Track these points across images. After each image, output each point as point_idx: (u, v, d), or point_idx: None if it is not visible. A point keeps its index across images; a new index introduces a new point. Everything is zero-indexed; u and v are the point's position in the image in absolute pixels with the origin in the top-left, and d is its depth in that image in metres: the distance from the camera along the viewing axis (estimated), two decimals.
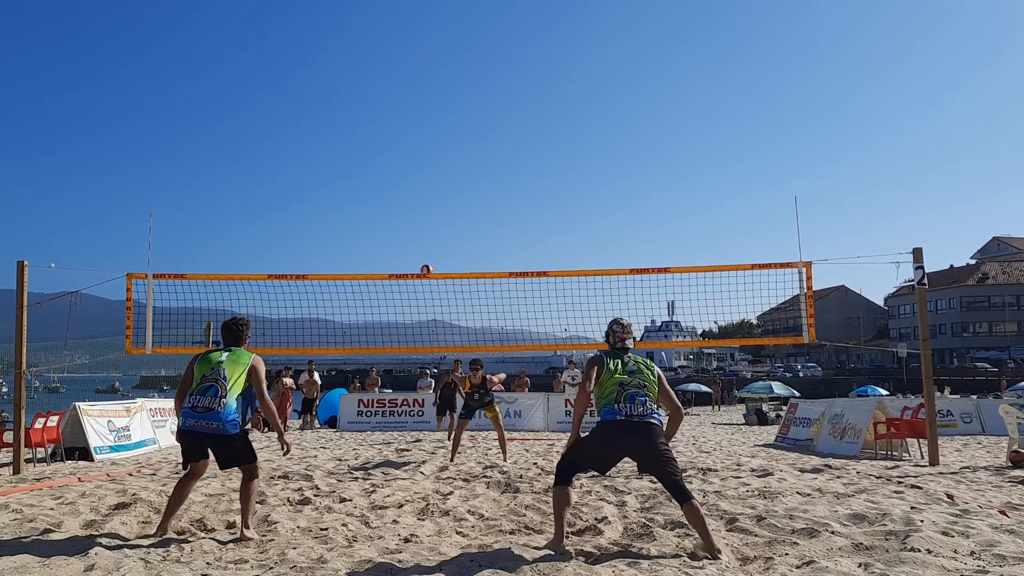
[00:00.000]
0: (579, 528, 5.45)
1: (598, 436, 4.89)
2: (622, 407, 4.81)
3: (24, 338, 9.47)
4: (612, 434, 4.83)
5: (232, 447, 5.21)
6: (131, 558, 4.55)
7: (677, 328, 71.80)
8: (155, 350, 10.13)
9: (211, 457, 5.30)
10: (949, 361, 73.55)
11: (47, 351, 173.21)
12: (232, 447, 5.21)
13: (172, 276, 10.26)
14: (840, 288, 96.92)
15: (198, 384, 5.25)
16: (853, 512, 5.64)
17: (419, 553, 4.65)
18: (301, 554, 4.64)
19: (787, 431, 14.87)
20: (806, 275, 9.96)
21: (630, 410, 4.80)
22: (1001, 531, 5.01)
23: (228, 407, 5.18)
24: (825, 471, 8.57)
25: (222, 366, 5.28)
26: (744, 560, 4.48)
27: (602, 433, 4.86)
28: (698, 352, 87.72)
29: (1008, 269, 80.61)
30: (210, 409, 5.13)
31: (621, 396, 4.84)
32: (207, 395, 5.16)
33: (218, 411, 5.13)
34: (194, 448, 5.25)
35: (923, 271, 9.82)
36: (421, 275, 10.34)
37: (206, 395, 5.16)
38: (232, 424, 5.18)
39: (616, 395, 4.85)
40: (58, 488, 7.34)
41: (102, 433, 11.07)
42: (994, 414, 14.99)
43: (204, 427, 5.13)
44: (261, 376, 5.46)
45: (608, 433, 4.84)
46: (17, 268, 9.48)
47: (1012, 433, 9.94)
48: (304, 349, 11.79)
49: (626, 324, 5.23)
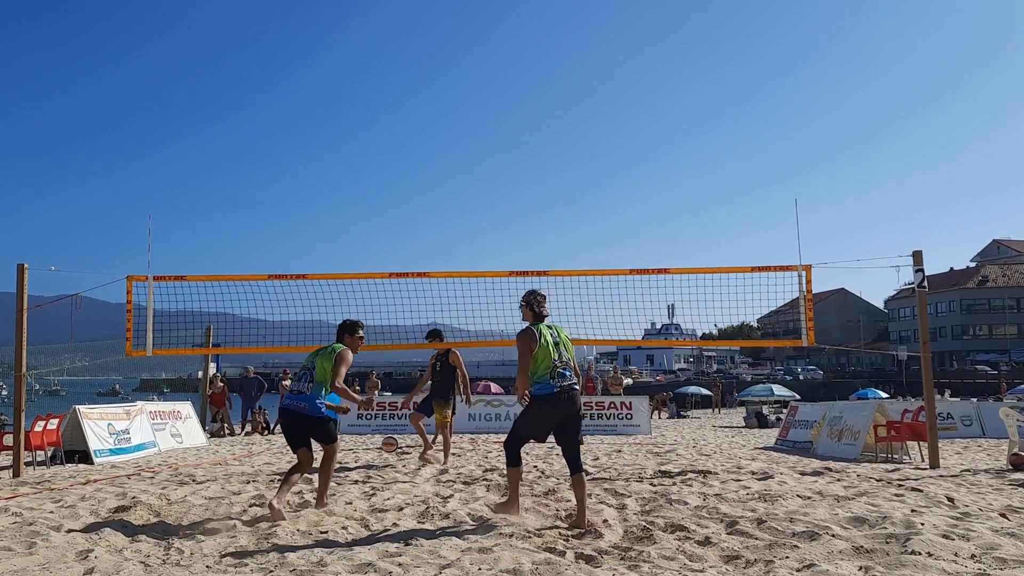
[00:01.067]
0: (579, 531, 5.45)
1: (539, 410, 5.66)
2: (555, 381, 5.61)
3: (24, 341, 9.47)
4: (553, 406, 5.62)
5: (315, 426, 6.20)
6: (131, 561, 4.55)
7: (677, 330, 71.78)
8: (155, 352, 10.12)
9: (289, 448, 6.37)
10: (949, 364, 73.55)
11: (47, 354, 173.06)
12: (315, 426, 6.20)
13: (172, 278, 10.26)
14: (840, 291, 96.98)
15: (296, 372, 6.39)
16: (853, 515, 5.64)
17: (419, 556, 4.64)
18: (301, 557, 4.64)
19: (787, 434, 14.87)
20: (806, 278, 9.95)
21: (562, 382, 5.62)
22: (1002, 534, 5.01)
23: (315, 392, 6.16)
24: (825, 474, 8.56)
25: (316, 358, 6.28)
26: (745, 564, 4.47)
27: (542, 407, 5.64)
28: (698, 355, 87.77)
29: (1008, 272, 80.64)
30: (300, 392, 6.19)
31: (555, 372, 5.63)
32: (300, 381, 6.26)
33: (306, 394, 6.15)
34: (288, 427, 6.25)
35: (923, 274, 9.81)
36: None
37: (299, 381, 6.27)
38: (316, 407, 6.16)
39: (551, 372, 5.62)
40: (58, 491, 7.34)
41: (102, 436, 11.07)
42: (994, 417, 14.99)
43: (294, 406, 6.18)
44: (340, 365, 6.21)
45: (549, 406, 5.62)
46: (17, 271, 9.49)
47: (1012, 436, 9.94)
48: (305, 347, 11.75)
49: (543, 294, 5.97)
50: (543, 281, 10.40)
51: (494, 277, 10.51)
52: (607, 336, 10.95)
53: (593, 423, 17.41)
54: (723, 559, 4.57)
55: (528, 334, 5.69)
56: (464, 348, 10.56)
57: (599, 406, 17.72)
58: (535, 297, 5.88)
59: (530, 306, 5.87)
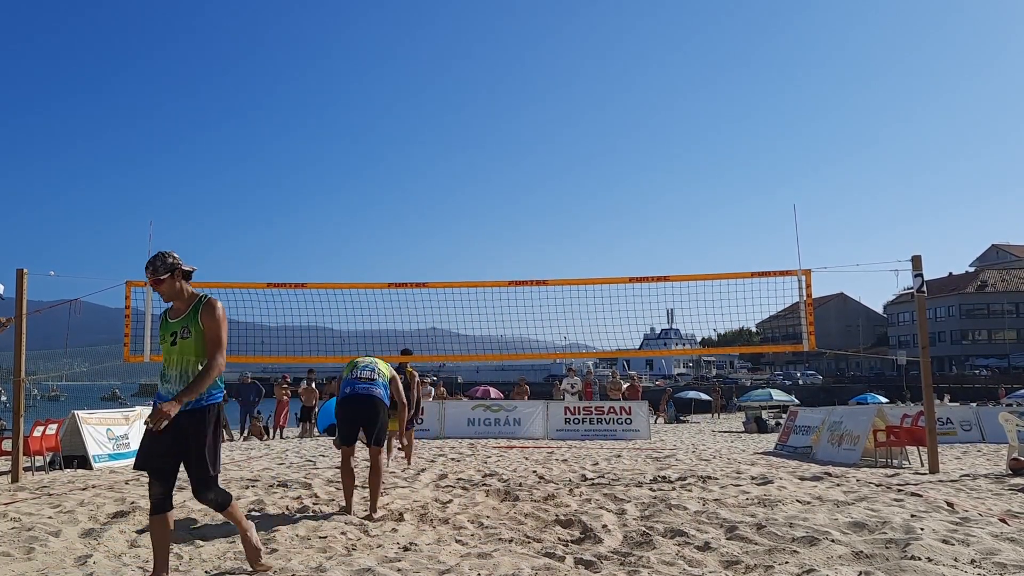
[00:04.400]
0: (578, 536, 5.44)
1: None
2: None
3: (23, 346, 9.46)
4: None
5: (383, 416, 6.46)
6: (130, 567, 4.55)
7: (676, 336, 71.71)
8: (153, 358, 10.10)
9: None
10: (948, 369, 73.52)
11: (46, 359, 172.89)
12: (383, 416, 6.46)
13: None
14: (839, 296, 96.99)
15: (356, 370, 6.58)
16: (853, 520, 5.63)
17: (418, 562, 4.63)
18: (300, 563, 4.63)
19: (787, 439, 14.85)
20: (805, 283, 9.96)
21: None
22: (1001, 539, 5.00)
23: (384, 385, 6.57)
24: (825, 479, 8.55)
25: (372, 361, 6.71)
26: (745, 569, 4.47)
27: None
28: (697, 360, 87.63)
29: (1007, 276, 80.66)
30: (372, 380, 6.51)
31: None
32: (367, 370, 6.56)
33: (378, 380, 6.54)
34: (356, 416, 6.43)
35: (922, 279, 9.82)
36: (418, 284, 10.37)
37: (366, 370, 6.56)
38: (387, 397, 6.55)
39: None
40: (57, 496, 7.33)
41: (101, 441, 11.05)
42: (994, 422, 14.97)
43: (368, 391, 6.43)
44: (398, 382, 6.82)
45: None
46: (16, 276, 9.48)
47: (1012, 441, 9.93)
48: (303, 358, 11.78)
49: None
50: (542, 290, 10.43)
51: (494, 287, 10.53)
52: (606, 347, 10.97)
53: (592, 428, 17.41)
54: (723, 564, 4.57)
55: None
56: (483, 361, 10.61)
57: (598, 411, 17.72)
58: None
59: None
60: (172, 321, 4.25)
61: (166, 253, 4.20)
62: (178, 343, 4.17)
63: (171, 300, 4.28)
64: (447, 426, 17.47)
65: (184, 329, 4.18)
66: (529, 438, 16.86)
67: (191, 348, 4.14)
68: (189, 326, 4.17)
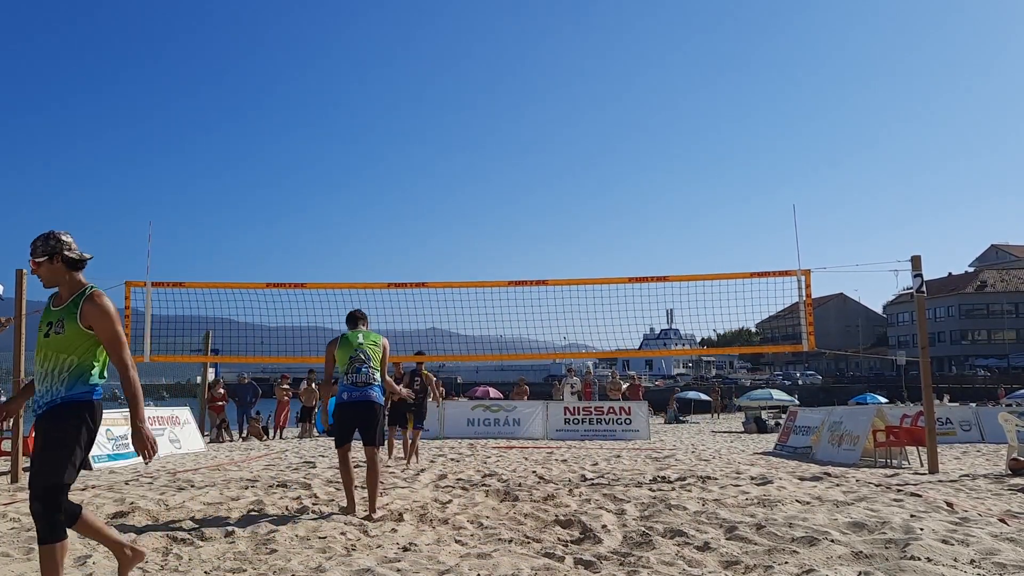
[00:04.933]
0: (578, 536, 5.44)
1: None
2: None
3: (23, 346, 9.45)
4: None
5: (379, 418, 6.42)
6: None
7: (676, 336, 71.77)
8: (153, 358, 10.12)
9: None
10: (948, 369, 73.55)
11: None
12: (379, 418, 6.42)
13: (170, 284, 10.27)
14: (839, 296, 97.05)
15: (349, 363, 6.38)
16: (853, 520, 5.63)
17: (418, 562, 4.63)
18: (300, 563, 4.63)
19: (786, 439, 14.86)
20: (805, 283, 9.97)
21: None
22: (1001, 539, 5.00)
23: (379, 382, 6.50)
24: (824, 479, 8.55)
25: (365, 347, 6.45)
26: (744, 569, 4.47)
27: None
28: (697, 360, 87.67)
29: (1007, 277, 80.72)
30: (369, 383, 6.39)
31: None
32: (363, 370, 6.36)
33: (375, 384, 6.42)
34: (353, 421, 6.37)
35: (922, 279, 9.83)
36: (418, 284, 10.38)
37: (362, 370, 6.36)
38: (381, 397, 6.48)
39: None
40: None
41: (100, 442, 11.04)
42: (993, 422, 14.98)
43: (366, 396, 6.32)
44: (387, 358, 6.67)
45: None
46: (16, 276, 9.48)
47: (1011, 441, 9.93)
48: (303, 358, 11.79)
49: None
50: (542, 290, 10.44)
51: (494, 287, 10.54)
52: (606, 348, 10.99)
53: (592, 428, 17.41)
54: (722, 564, 4.57)
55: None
56: (483, 361, 10.62)
57: (598, 411, 17.72)
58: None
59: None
60: (53, 310, 3.74)
61: (53, 234, 3.74)
62: (51, 336, 3.67)
63: (51, 287, 3.80)
64: (447, 426, 17.48)
65: (59, 322, 3.67)
66: (529, 438, 16.87)
67: (63, 344, 3.65)
68: (64, 319, 3.66)
